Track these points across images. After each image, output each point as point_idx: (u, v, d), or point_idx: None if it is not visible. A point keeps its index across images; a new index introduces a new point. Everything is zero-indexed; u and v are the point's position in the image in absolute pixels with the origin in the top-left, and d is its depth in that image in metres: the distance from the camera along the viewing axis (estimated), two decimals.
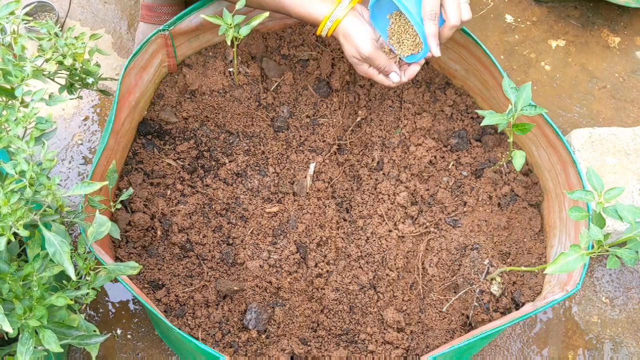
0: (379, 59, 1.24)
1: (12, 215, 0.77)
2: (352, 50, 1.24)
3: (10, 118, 0.84)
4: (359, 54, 1.23)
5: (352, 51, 1.24)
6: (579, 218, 1.06)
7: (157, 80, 1.45)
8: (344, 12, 1.22)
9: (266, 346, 1.26)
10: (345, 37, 1.23)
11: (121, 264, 0.96)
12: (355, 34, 1.22)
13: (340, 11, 1.22)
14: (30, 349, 0.81)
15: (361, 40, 1.22)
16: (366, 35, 1.22)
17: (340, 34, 1.23)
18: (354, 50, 1.23)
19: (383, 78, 1.28)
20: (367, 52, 1.22)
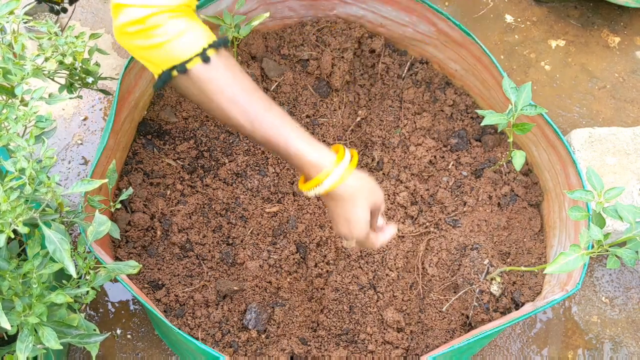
0: (368, 243, 1.08)
1: (11, 212, 0.77)
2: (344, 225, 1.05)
3: (10, 116, 0.84)
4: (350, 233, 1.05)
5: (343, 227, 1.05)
6: (579, 218, 1.06)
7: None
8: (346, 174, 1.00)
9: (266, 346, 1.26)
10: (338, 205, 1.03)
11: (121, 263, 0.96)
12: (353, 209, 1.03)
13: (342, 171, 1.00)
14: (29, 346, 0.81)
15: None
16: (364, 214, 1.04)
17: (334, 199, 1.03)
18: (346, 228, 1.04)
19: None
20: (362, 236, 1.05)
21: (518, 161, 1.18)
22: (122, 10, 0.92)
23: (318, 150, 0.99)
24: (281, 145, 0.98)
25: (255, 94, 0.99)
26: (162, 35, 0.93)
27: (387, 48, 1.53)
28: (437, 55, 1.49)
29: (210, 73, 0.96)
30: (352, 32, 1.50)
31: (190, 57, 0.94)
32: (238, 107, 0.97)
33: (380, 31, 1.52)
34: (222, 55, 0.98)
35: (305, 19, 1.53)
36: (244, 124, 0.98)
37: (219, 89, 0.97)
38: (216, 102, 0.98)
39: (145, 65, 0.98)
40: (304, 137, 0.99)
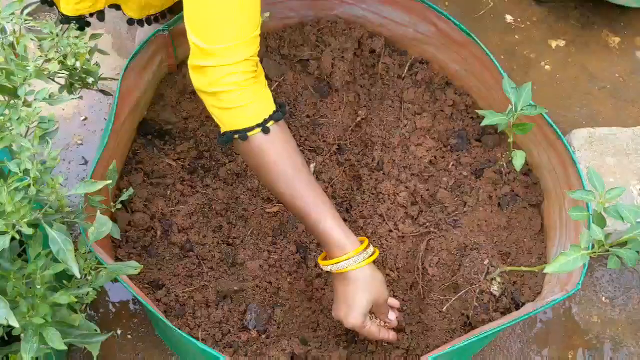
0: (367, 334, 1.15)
1: (16, 213, 0.77)
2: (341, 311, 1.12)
3: (13, 117, 0.84)
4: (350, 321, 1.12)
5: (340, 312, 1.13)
6: (580, 218, 1.06)
7: (157, 80, 1.45)
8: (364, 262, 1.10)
9: (266, 346, 1.26)
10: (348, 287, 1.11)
11: (122, 263, 0.96)
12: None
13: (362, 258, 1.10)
14: (34, 346, 0.81)
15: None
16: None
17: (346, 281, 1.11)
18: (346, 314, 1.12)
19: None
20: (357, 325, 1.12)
21: (518, 161, 1.18)
22: (202, 71, 1.04)
23: (347, 234, 1.09)
24: (313, 221, 1.09)
25: (302, 170, 1.10)
26: (232, 102, 1.04)
27: (387, 48, 1.53)
28: (437, 55, 1.49)
29: (267, 144, 1.08)
30: (352, 32, 1.50)
31: (251, 126, 1.06)
32: (284, 180, 1.09)
33: (380, 31, 1.52)
34: (280, 128, 1.10)
35: (305, 19, 1.53)
36: (285, 194, 1.10)
37: (272, 160, 1.09)
38: (267, 171, 1.10)
39: (214, 119, 1.10)
40: (337, 219, 1.10)
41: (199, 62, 1.03)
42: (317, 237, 1.12)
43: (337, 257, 1.09)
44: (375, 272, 1.12)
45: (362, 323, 1.11)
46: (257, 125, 1.07)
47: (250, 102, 1.05)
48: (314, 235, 1.14)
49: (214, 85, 1.03)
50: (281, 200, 1.13)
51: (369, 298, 1.11)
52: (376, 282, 1.12)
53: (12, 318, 0.76)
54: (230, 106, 1.05)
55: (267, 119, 1.07)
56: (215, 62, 1.01)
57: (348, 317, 1.10)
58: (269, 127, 1.07)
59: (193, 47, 1.03)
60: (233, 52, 1.01)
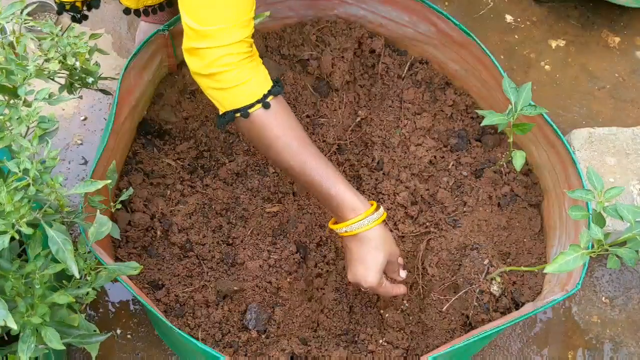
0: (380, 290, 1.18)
1: (15, 213, 0.77)
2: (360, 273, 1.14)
3: (13, 117, 0.84)
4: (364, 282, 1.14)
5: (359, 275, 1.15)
6: (579, 217, 1.06)
7: (157, 80, 1.45)
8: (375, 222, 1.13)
9: (266, 346, 1.26)
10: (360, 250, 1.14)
11: (122, 264, 0.96)
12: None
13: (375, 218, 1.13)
14: (31, 346, 0.81)
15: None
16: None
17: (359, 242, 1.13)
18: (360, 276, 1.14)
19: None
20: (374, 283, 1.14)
21: (518, 161, 1.18)
22: (198, 53, 1.04)
23: (357, 197, 1.12)
24: (324, 188, 1.11)
25: (307, 141, 1.12)
26: (230, 82, 1.05)
27: (387, 48, 1.53)
28: (437, 55, 1.49)
29: (269, 119, 1.09)
30: (352, 32, 1.50)
31: (252, 103, 1.07)
32: (291, 152, 1.10)
33: (380, 31, 1.52)
34: (280, 103, 1.13)
35: (305, 19, 1.53)
36: (294, 166, 1.11)
37: (276, 134, 1.10)
38: (272, 146, 1.10)
39: (212, 102, 1.11)
40: (347, 184, 1.12)
41: (194, 44, 1.03)
42: (329, 203, 1.13)
43: (351, 219, 1.11)
44: (387, 231, 1.15)
45: (380, 281, 1.14)
46: (257, 101, 1.08)
47: (248, 79, 1.06)
48: (324, 202, 1.14)
49: (210, 67, 1.04)
50: (289, 172, 1.14)
51: (384, 256, 1.13)
52: (389, 241, 1.15)
53: (10, 319, 0.76)
54: (229, 86, 1.06)
55: (266, 94, 1.09)
56: (210, 43, 1.01)
57: (366, 277, 1.12)
58: (270, 102, 1.09)
59: (187, 30, 1.03)
60: (228, 33, 1.02)
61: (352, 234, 1.12)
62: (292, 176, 1.15)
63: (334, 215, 1.15)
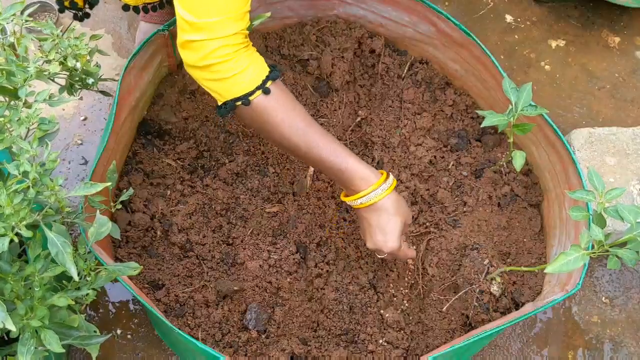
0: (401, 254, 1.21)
1: (15, 216, 0.77)
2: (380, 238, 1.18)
3: (14, 118, 0.84)
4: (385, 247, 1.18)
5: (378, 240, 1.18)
6: (580, 218, 1.06)
7: (157, 80, 1.45)
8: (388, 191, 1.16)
9: (266, 346, 1.26)
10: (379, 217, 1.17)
11: (121, 264, 0.96)
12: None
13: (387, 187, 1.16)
14: (31, 349, 0.81)
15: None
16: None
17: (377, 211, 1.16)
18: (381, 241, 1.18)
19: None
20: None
21: (518, 161, 1.18)
22: (192, 46, 1.04)
23: (368, 168, 1.15)
24: (335, 163, 1.13)
25: (311, 120, 1.14)
26: (227, 72, 1.05)
27: (387, 48, 1.53)
28: (437, 56, 1.49)
29: (271, 104, 1.10)
30: (352, 32, 1.50)
31: (252, 90, 1.07)
32: (297, 133, 1.12)
33: (380, 31, 1.52)
34: (279, 87, 1.12)
35: (305, 19, 1.52)
36: (301, 147, 1.12)
37: (280, 118, 1.11)
38: (277, 129, 1.12)
39: (210, 93, 1.11)
40: (356, 157, 1.15)
41: (189, 36, 1.03)
42: (340, 178, 1.15)
43: (364, 189, 1.14)
44: (399, 197, 1.18)
45: (400, 245, 1.18)
46: (257, 88, 1.08)
47: (246, 67, 1.06)
48: (336, 178, 1.17)
49: (206, 59, 1.04)
50: (296, 153, 1.15)
51: (401, 221, 1.17)
52: (403, 205, 1.19)
53: (9, 322, 0.76)
54: (227, 75, 1.06)
55: (265, 80, 1.09)
56: (206, 36, 1.01)
57: (387, 243, 1.16)
58: (269, 88, 1.09)
59: (182, 22, 1.03)
60: (223, 26, 1.02)
61: (368, 204, 1.15)
62: (300, 156, 1.16)
63: (346, 189, 1.18)
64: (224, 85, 1.07)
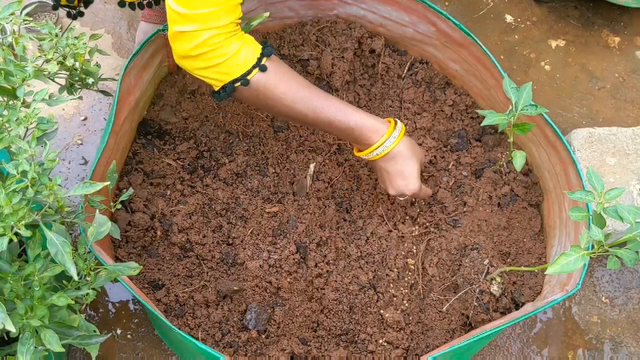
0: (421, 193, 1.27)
1: (13, 216, 0.77)
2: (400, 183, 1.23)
3: (12, 118, 0.84)
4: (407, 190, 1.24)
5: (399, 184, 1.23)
6: (580, 218, 1.06)
7: (157, 80, 1.45)
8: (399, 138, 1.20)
9: (266, 346, 1.26)
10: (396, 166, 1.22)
11: (121, 264, 0.96)
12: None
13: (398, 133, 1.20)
14: (30, 348, 0.81)
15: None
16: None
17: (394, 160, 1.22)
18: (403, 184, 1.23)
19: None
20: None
21: (518, 161, 1.18)
22: (184, 37, 1.04)
23: (376, 119, 1.19)
24: (344, 122, 1.16)
25: (311, 87, 1.16)
26: (220, 57, 1.06)
27: (387, 48, 1.53)
28: (437, 56, 1.49)
29: (271, 80, 1.11)
30: (352, 32, 1.50)
31: (249, 69, 1.09)
32: (302, 101, 1.14)
33: (380, 31, 1.52)
34: (274, 62, 1.13)
35: (305, 19, 1.52)
36: (308, 114, 1.15)
37: (282, 91, 1.12)
38: (281, 102, 1.13)
39: (205, 81, 1.11)
40: (362, 111, 1.18)
41: (180, 27, 1.03)
42: (351, 135, 1.19)
43: (377, 141, 1.18)
44: (411, 140, 1.23)
45: (420, 185, 1.24)
46: (253, 66, 1.09)
47: (238, 49, 1.07)
48: (347, 136, 1.20)
49: (198, 48, 1.04)
50: (304, 121, 1.18)
51: (418, 162, 1.23)
52: (417, 147, 1.24)
53: (8, 322, 0.76)
54: (220, 61, 1.06)
55: (259, 57, 1.10)
56: (198, 26, 1.02)
57: (409, 186, 1.22)
58: (265, 65, 1.10)
59: (172, 14, 1.03)
60: (216, 17, 1.02)
61: (383, 154, 1.19)
62: (308, 123, 1.19)
63: (359, 144, 1.22)
64: (219, 70, 1.08)
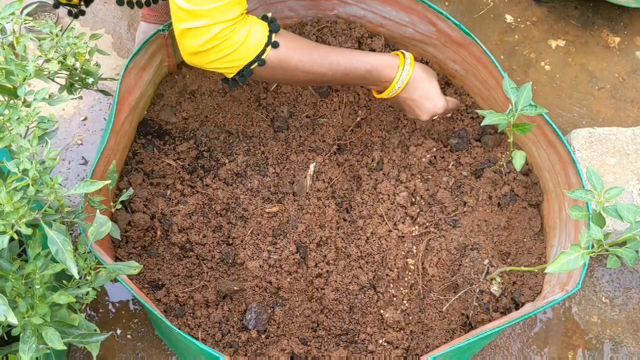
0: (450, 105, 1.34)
1: (14, 214, 0.77)
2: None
3: (13, 117, 0.84)
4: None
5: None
6: (579, 217, 1.06)
7: (157, 80, 1.45)
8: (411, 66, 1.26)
9: (266, 346, 1.26)
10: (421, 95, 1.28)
11: (121, 263, 0.96)
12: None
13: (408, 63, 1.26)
14: (32, 347, 0.81)
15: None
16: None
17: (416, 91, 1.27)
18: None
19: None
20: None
21: (518, 161, 1.18)
22: (192, 33, 1.04)
23: (387, 55, 1.25)
24: (359, 68, 1.21)
25: (320, 46, 1.20)
26: (231, 46, 1.07)
27: (387, 48, 1.53)
28: (437, 56, 1.49)
29: (285, 53, 1.15)
30: (352, 32, 1.50)
31: (262, 49, 1.11)
32: (317, 62, 1.18)
33: (380, 31, 1.52)
34: (283, 35, 1.16)
35: (305, 19, 1.52)
36: (326, 72, 1.20)
37: (297, 59, 1.16)
38: (299, 70, 1.17)
39: (219, 72, 1.13)
40: (371, 53, 1.24)
41: (187, 25, 1.03)
42: (370, 78, 1.24)
43: (395, 75, 1.24)
44: (421, 64, 1.29)
45: (446, 100, 1.30)
46: (266, 45, 1.11)
47: (247, 34, 1.08)
48: (365, 81, 1.25)
49: (209, 42, 1.05)
50: (324, 80, 1.22)
51: (436, 80, 1.30)
52: (428, 68, 1.30)
53: (11, 315, 0.77)
54: (232, 50, 1.08)
55: (269, 35, 1.12)
56: (206, 22, 1.02)
57: (437, 104, 1.28)
58: (276, 41, 1.13)
59: (178, 11, 1.03)
60: (223, 11, 1.02)
61: (404, 85, 1.25)
62: (328, 81, 1.23)
63: (377, 85, 1.27)
64: (233, 57, 1.09)
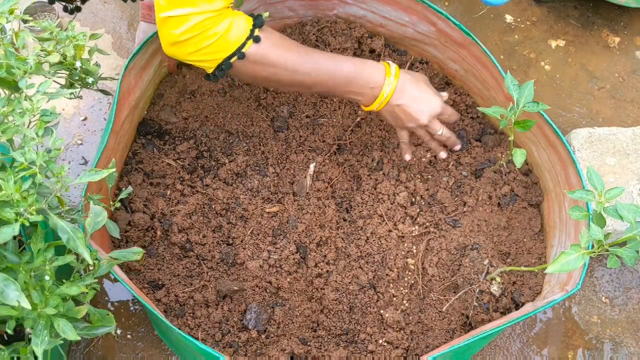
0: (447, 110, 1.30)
1: (23, 202, 0.77)
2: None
3: (16, 109, 0.84)
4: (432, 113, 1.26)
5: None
6: (580, 217, 1.06)
7: (157, 80, 1.45)
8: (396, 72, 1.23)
9: (266, 346, 1.26)
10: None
11: (124, 250, 0.97)
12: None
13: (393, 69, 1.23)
14: (45, 339, 0.82)
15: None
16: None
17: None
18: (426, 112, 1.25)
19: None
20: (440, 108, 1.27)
21: (519, 159, 1.18)
22: (171, 22, 1.01)
23: (370, 62, 1.21)
24: (345, 70, 1.18)
25: (304, 47, 1.18)
26: (213, 36, 1.04)
27: (387, 48, 1.53)
28: (437, 56, 1.49)
29: (266, 50, 1.11)
30: (352, 32, 1.50)
31: (243, 42, 1.07)
32: (302, 63, 1.15)
33: (380, 31, 1.52)
34: (267, 32, 1.12)
35: (305, 19, 1.53)
36: (310, 74, 1.16)
37: (279, 57, 1.12)
38: (281, 69, 1.13)
39: (196, 65, 1.09)
40: (357, 59, 1.21)
41: (167, 13, 1.00)
42: (355, 82, 1.20)
43: (383, 78, 1.20)
44: (407, 71, 1.26)
45: (440, 99, 1.26)
46: (247, 38, 1.08)
47: (229, 26, 1.05)
48: (348, 84, 1.20)
49: (188, 32, 1.02)
50: (306, 82, 1.18)
51: (425, 81, 1.27)
52: (414, 72, 1.28)
53: (23, 300, 0.77)
54: (214, 40, 1.04)
55: (252, 29, 1.08)
56: (188, 10, 0.99)
57: (433, 104, 1.24)
58: (259, 35, 1.09)
59: (158, 1, 1.00)
60: (208, 1, 1.00)
61: (393, 89, 1.20)
62: (312, 83, 1.18)
63: (366, 95, 1.21)
64: (212, 48, 1.06)
